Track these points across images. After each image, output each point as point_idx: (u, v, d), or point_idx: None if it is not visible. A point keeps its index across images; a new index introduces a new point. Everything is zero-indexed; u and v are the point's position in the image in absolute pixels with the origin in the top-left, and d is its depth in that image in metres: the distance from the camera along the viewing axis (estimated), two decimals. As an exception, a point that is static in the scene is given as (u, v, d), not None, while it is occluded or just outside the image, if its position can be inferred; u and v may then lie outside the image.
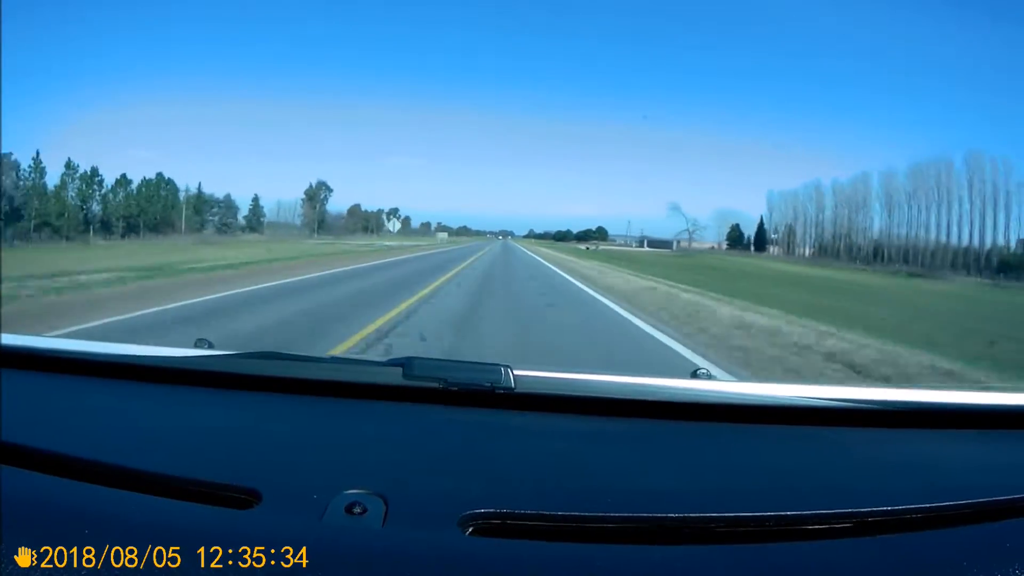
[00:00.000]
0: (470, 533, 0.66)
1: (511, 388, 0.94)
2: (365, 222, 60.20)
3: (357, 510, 0.67)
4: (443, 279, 13.01)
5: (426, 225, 73.25)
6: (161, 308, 7.36)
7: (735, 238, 57.85)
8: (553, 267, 21.64)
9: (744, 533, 0.68)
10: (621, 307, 9.40)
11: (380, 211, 63.40)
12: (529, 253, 36.74)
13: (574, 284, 14.32)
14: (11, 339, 1.13)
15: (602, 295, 11.42)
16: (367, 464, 0.81)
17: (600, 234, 77.01)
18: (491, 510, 0.68)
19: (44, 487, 0.70)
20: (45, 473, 0.73)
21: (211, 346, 1.18)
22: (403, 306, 8.01)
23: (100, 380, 1.07)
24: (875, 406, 0.97)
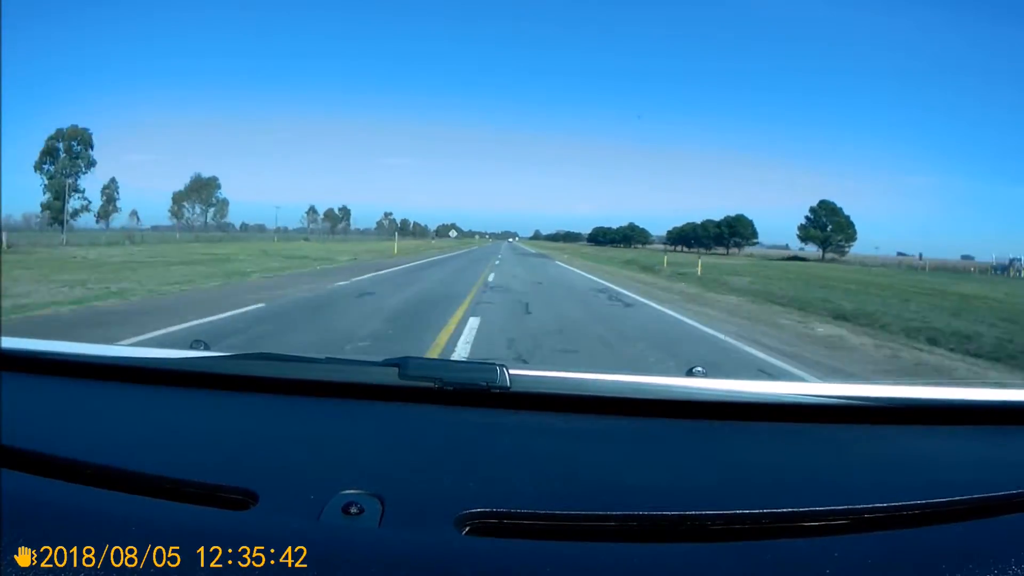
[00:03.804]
0: (467, 532, 0.66)
1: (507, 387, 0.94)
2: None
3: (354, 510, 0.67)
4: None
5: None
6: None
7: None
8: None
9: (741, 530, 0.68)
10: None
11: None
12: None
13: None
14: (10, 342, 1.12)
15: None
16: (363, 464, 0.81)
17: (745, 229, 43.31)
18: (487, 509, 0.68)
19: (43, 490, 0.70)
20: (43, 476, 0.73)
21: (207, 347, 1.17)
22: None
23: (97, 383, 1.07)
24: (871, 403, 0.98)
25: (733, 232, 51.63)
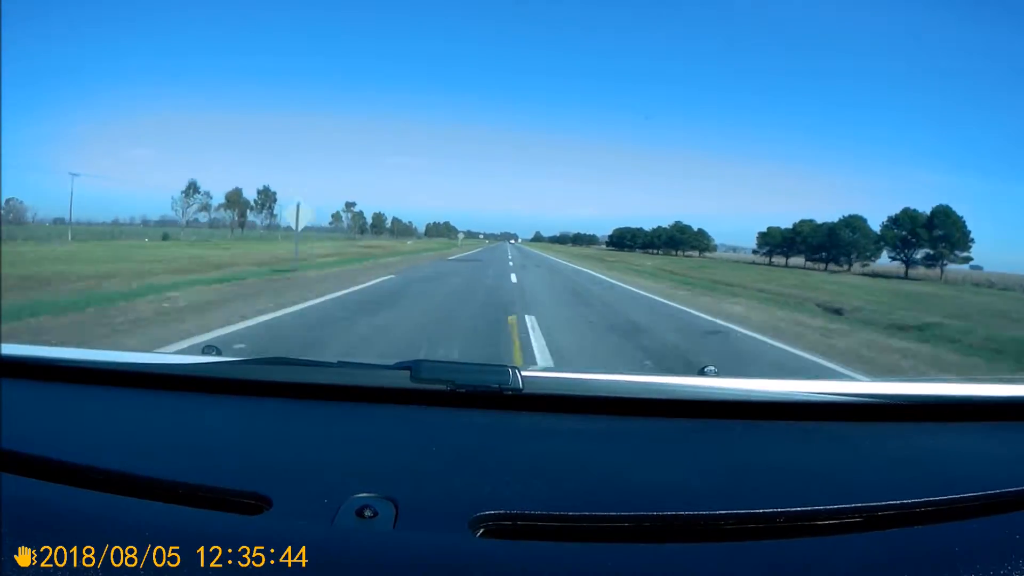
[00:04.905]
0: (481, 534, 0.67)
1: (519, 389, 0.95)
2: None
3: (368, 513, 0.67)
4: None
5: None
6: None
7: None
8: None
9: (754, 530, 0.68)
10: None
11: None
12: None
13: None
14: (17, 349, 1.13)
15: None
16: (377, 468, 0.81)
17: (958, 230, 28.73)
18: (501, 511, 0.68)
19: (48, 494, 0.71)
20: (52, 482, 0.73)
21: (219, 352, 1.18)
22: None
23: (110, 389, 1.08)
24: (883, 400, 0.97)
25: (939, 236, 28.97)
